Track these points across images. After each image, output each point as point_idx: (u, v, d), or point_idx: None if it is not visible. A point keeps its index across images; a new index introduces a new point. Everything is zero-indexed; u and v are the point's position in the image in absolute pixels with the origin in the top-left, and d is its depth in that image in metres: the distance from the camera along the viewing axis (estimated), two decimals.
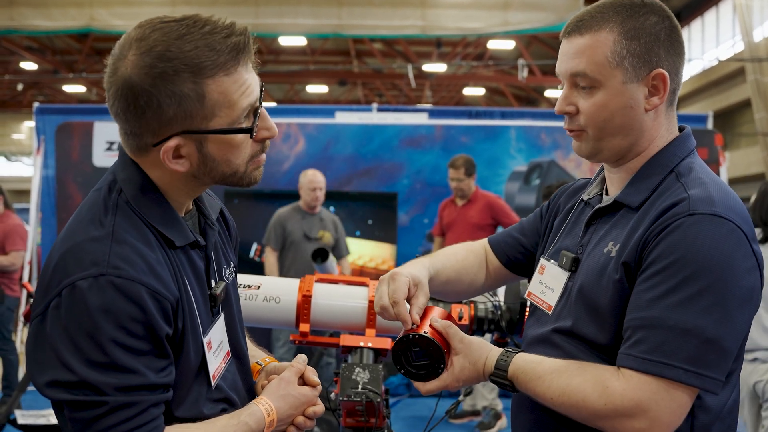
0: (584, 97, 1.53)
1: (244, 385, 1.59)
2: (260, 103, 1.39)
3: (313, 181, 6.07)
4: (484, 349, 1.58)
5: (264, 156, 1.45)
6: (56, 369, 1.26)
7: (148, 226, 1.38)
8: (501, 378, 1.53)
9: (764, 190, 3.68)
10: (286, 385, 1.53)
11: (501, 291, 2.12)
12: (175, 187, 1.42)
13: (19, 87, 21.83)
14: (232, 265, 1.62)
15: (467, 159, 6.12)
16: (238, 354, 1.59)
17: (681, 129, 1.62)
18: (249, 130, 1.37)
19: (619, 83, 1.50)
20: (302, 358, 1.60)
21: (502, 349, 1.57)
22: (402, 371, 1.60)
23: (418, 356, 1.58)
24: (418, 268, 1.73)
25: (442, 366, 1.57)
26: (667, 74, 1.51)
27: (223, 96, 1.33)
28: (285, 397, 1.51)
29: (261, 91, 1.40)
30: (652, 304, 1.40)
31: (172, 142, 1.34)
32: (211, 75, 1.31)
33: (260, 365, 1.69)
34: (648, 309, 1.40)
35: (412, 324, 1.61)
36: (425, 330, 1.59)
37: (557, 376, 1.46)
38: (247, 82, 1.36)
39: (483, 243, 1.96)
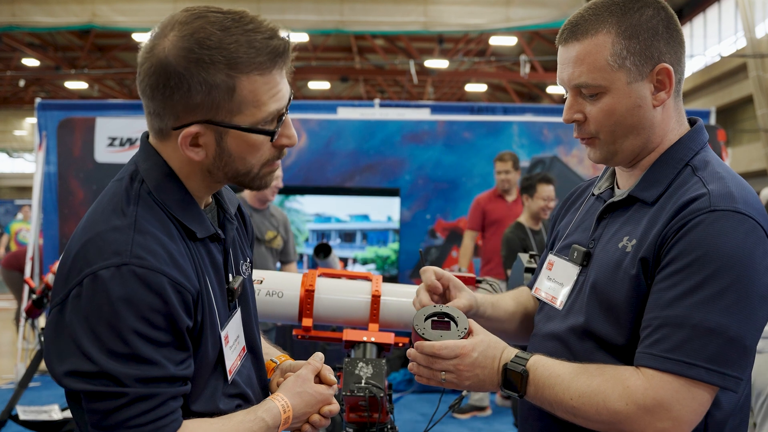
0: (591, 103, 1.51)
1: (258, 382, 1.59)
2: (286, 111, 1.40)
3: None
4: (503, 342, 1.55)
5: (279, 162, 1.46)
6: (76, 358, 1.25)
7: (170, 218, 1.38)
8: (520, 364, 1.48)
9: None
10: (303, 382, 1.53)
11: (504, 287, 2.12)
12: (196, 178, 1.42)
13: (21, 83, 21.78)
14: (248, 260, 1.62)
15: (513, 154, 6.14)
16: (253, 349, 1.59)
17: (693, 122, 1.59)
18: (271, 133, 1.38)
19: (623, 84, 1.47)
20: (319, 356, 1.59)
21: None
22: (418, 331, 1.54)
23: (437, 325, 1.55)
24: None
25: (464, 329, 1.53)
26: (671, 67, 1.48)
27: (252, 95, 1.33)
28: (301, 395, 1.51)
29: (289, 99, 1.41)
30: (675, 302, 1.37)
31: (193, 128, 1.34)
32: (245, 72, 1.32)
33: (275, 363, 1.69)
34: (670, 307, 1.38)
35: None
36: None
37: (576, 377, 1.43)
38: (279, 86, 1.37)
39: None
